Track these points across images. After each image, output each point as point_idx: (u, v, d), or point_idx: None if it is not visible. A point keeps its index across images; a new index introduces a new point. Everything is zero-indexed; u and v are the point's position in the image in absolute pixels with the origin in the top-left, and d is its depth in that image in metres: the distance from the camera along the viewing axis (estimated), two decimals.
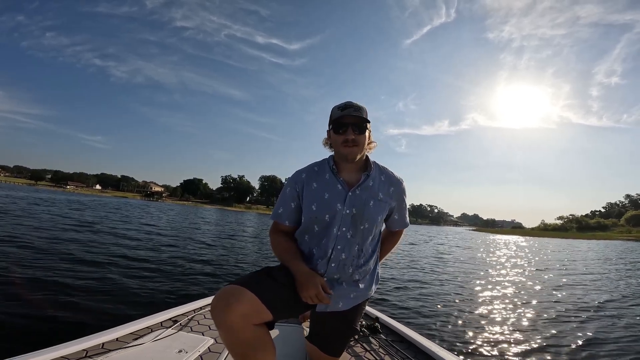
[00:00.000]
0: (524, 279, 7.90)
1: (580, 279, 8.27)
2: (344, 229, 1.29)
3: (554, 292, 6.29)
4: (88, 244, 7.12)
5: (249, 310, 1.04)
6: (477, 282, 7.14)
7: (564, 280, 8.04)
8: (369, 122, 1.31)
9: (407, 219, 1.49)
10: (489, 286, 6.66)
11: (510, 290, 6.30)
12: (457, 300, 5.18)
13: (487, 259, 12.66)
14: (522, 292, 6.16)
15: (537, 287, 6.78)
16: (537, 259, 14.12)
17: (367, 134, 1.32)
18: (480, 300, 5.29)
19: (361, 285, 1.35)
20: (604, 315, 4.73)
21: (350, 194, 1.30)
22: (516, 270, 9.70)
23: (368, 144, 1.35)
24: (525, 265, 11.36)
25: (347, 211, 1.29)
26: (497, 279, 7.76)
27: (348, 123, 1.27)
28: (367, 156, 1.38)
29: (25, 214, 12.23)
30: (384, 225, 1.49)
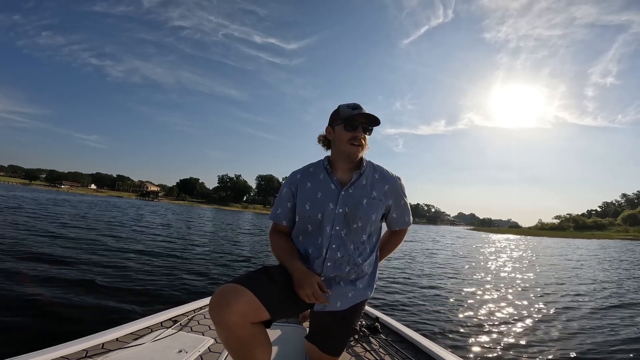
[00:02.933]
0: (525, 278, 7.93)
1: (594, 280, 8.33)
2: (337, 227, 1.30)
3: (557, 292, 6.32)
4: (85, 244, 7.06)
5: (247, 309, 1.05)
6: (478, 281, 7.17)
7: (570, 279, 8.10)
8: (379, 123, 1.32)
9: (409, 217, 1.46)
10: (490, 285, 6.67)
11: (511, 290, 6.32)
12: (457, 300, 5.19)
13: (487, 259, 12.72)
14: (524, 292, 6.19)
15: (539, 287, 6.81)
16: (539, 258, 14.21)
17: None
18: (480, 300, 5.32)
19: (359, 285, 1.35)
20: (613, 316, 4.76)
21: (342, 193, 1.31)
22: (518, 269, 9.74)
23: None
24: (527, 264, 11.41)
25: (340, 210, 1.30)
26: (498, 278, 7.80)
27: (359, 122, 1.29)
28: (361, 157, 1.39)
29: (18, 213, 12.13)
30: (385, 226, 1.49)
